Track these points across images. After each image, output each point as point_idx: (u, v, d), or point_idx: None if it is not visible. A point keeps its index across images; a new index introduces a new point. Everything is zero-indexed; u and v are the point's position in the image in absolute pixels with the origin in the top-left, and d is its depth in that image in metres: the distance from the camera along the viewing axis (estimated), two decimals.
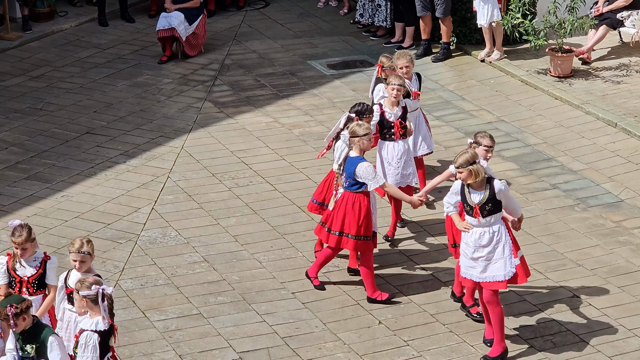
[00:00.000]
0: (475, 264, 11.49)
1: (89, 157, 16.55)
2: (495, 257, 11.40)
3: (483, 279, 11.47)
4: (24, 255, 10.91)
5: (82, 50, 20.69)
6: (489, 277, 11.43)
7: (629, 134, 16.95)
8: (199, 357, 12.03)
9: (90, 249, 10.69)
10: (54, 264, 11.07)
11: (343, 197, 12.70)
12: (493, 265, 11.42)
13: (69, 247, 10.76)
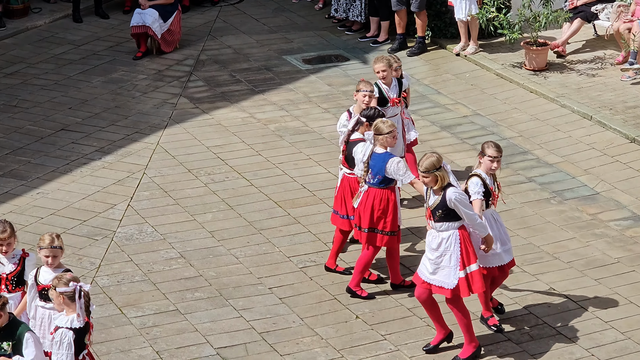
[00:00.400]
0: (427, 264, 11.52)
1: (64, 153, 16.51)
2: (443, 264, 11.38)
3: (431, 280, 11.46)
4: (8, 251, 10.88)
5: (57, 47, 20.63)
6: (436, 281, 11.43)
7: (604, 127, 16.99)
8: (176, 353, 12.02)
9: (60, 243, 10.68)
10: (32, 261, 11.06)
11: (369, 194, 12.51)
12: (441, 271, 11.40)
13: (39, 243, 10.69)
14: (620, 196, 15.18)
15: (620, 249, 13.93)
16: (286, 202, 15.10)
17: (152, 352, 12.05)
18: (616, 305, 12.74)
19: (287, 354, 12.01)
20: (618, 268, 13.52)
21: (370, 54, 20.05)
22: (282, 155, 16.42)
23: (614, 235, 14.25)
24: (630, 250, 13.88)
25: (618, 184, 15.47)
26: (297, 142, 16.88)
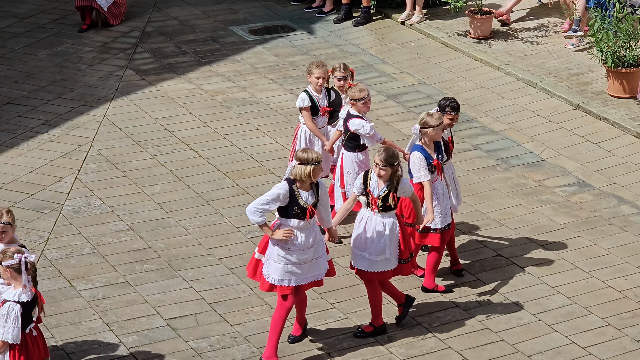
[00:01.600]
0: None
1: (11, 127, 16.41)
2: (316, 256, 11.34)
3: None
4: None
5: (1, 20, 20.48)
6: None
7: (548, 94, 17.09)
8: (126, 325, 12.00)
9: (10, 219, 10.57)
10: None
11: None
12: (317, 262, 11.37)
13: None
14: (565, 162, 15.29)
15: (566, 214, 14.04)
16: (234, 173, 15.10)
17: (102, 324, 12.03)
18: (562, 270, 12.84)
19: (237, 324, 12.03)
20: (564, 234, 13.63)
21: (316, 24, 20.05)
22: (230, 127, 16.41)
23: (559, 201, 14.36)
24: (576, 216, 13.99)
25: (563, 151, 15.57)
26: (244, 113, 16.86)
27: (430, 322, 11.98)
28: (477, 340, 11.74)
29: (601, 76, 17.24)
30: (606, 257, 13.16)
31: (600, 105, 16.55)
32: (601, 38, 16.45)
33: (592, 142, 15.78)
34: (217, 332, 11.93)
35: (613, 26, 16.43)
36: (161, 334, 11.88)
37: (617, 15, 16.57)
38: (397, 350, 11.53)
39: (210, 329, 11.96)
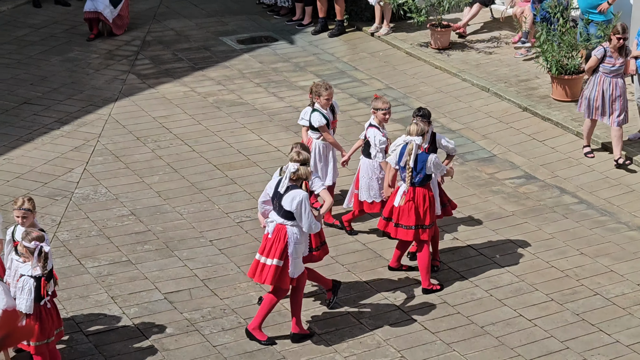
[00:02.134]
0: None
1: (27, 124, 16.37)
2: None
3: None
4: None
5: (19, 30, 20.42)
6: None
7: (500, 98, 17.13)
8: (128, 298, 12.00)
9: (30, 206, 10.58)
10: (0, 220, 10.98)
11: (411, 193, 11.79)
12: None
13: (13, 204, 10.67)
14: (514, 158, 15.34)
15: (514, 203, 14.09)
16: (224, 165, 15.10)
17: (107, 298, 12.02)
18: (511, 252, 12.88)
19: (226, 297, 12.03)
20: (512, 220, 13.68)
21: (296, 35, 20.05)
22: (220, 125, 16.40)
23: (508, 191, 14.40)
24: (523, 205, 14.05)
25: (512, 147, 15.62)
26: (232, 112, 16.85)
27: (395, 297, 12.01)
28: (437, 312, 11.76)
29: (546, 82, 17.30)
30: (550, 241, 13.21)
31: (545, 108, 16.60)
32: (546, 49, 16.50)
33: (538, 140, 15.83)
34: (209, 304, 11.92)
35: (557, 38, 16.48)
36: (159, 306, 11.88)
37: (560, 29, 16.62)
38: (367, 321, 11.54)
39: (202, 302, 11.96)
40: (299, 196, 10.55)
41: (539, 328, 11.50)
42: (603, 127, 15.64)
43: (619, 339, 11.33)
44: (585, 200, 14.19)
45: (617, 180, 14.65)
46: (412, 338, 11.36)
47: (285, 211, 10.66)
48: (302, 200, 10.53)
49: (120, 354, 11.12)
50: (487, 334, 11.43)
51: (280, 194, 10.68)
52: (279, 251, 10.67)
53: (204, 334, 11.42)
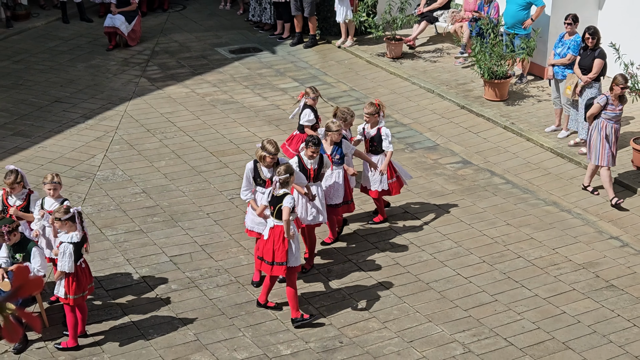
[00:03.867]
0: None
1: (57, 118, 16.30)
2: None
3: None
4: (14, 192, 10.82)
5: (51, 41, 20.29)
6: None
7: (442, 98, 17.16)
8: (140, 260, 11.99)
9: (59, 179, 10.73)
10: (35, 197, 11.00)
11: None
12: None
13: (44, 180, 10.76)
14: (453, 146, 15.37)
15: (454, 183, 14.13)
16: (218, 152, 15.07)
17: (123, 260, 12.01)
18: (451, 223, 12.93)
19: (220, 260, 12.04)
20: (452, 197, 13.72)
21: (277, 46, 20.01)
22: (215, 119, 16.36)
23: (449, 174, 14.44)
24: (461, 185, 14.09)
25: (452, 138, 15.66)
26: (225, 109, 16.82)
27: (357, 259, 12.04)
28: (389, 272, 11.81)
29: (479, 85, 17.34)
30: (482, 214, 13.27)
31: (479, 106, 16.64)
32: (480, 58, 16.53)
33: (473, 132, 15.87)
34: (206, 265, 11.93)
35: (489, 50, 16.51)
36: (166, 267, 11.88)
37: (491, 42, 16.65)
38: (335, 284, 11.57)
39: (201, 264, 11.96)
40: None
41: (473, 284, 11.56)
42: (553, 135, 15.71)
43: (537, 293, 11.41)
44: (510, 181, 14.24)
45: (536, 165, 14.71)
46: (370, 292, 11.39)
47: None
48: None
49: (133, 306, 11.12)
50: (431, 289, 11.48)
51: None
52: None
53: (202, 289, 11.43)
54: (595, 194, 13.73)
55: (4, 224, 9.90)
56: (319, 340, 10.53)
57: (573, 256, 12.19)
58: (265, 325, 10.78)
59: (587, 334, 10.65)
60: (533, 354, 10.30)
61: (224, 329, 10.70)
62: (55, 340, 10.41)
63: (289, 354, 10.28)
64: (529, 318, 10.91)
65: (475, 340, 10.54)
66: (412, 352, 10.33)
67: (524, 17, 16.91)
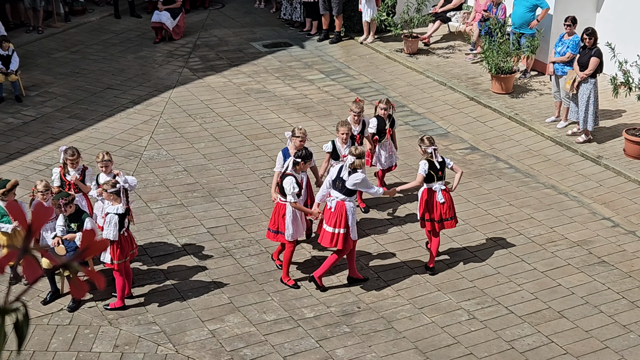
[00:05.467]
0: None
1: (109, 103, 16.35)
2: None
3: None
4: (74, 167, 10.89)
5: (104, 34, 20.34)
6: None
7: (454, 90, 17.07)
8: (182, 232, 12.04)
9: (109, 157, 10.81)
10: (90, 172, 11.08)
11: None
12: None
13: (96, 158, 10.86)
14: (463, 134, 15.31)
15: (462, 167, 14.03)
16: (252, 136, 15.08)
17: (166, 231, 12.06)
18: (459, 203, 12.79)
19: (252, 232, 12.07)
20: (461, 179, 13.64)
21: (305, 42, 19.95)
22: (249, 106, 16.36)
23: (458, 158, 14.37)
24: (469, 168, 14.03)
25: (462, 127, 15.59)
26: (258, 97, 16.81)
27: (374, 234, 12.01)
28: (403, 245, 11.78)
29: (487, 79, 17.23)
30: (487, 195, 13.22)
31: (487, 98, 16.54)
32: (488, 55, 16.42)
33: (480, 121, 15.79)
34: (239, 237, 11.96)
35: (496, 47, 16.40)
36: (203, 237, 11.92)
37: (499, 40, 16.54)
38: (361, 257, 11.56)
39: (235, 235, 12.00)
40: (359, 177, 10.39)
41: (477, 258, 11.53)
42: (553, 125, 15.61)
43: (536, 267, 11.37)
44: (514, 166, 14.17)
45: (537, 152, 14.62)
46: (385, 264, 11.38)
47: (347, 190, 10.41)
48: (363, 179, 10.38)
49: (174, 271, 11.17)
50: (440, 261, 11.46)
51: (342, 178, 10.47)
52: (343, 222, 10.45)
53: (236, 258, 11.46)
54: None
55: (61, 197, 9.95)
56: (339, 305, 10.54)
57: (569, 234, 12.13)
58: (291, 291, 10.80)
59: (580, 304, 10.61)
60: (531, 321, 10.28)
61: (255, 293, 10.73)
62: (104, 300, 10.49)
63: (312, 317, 10.31)
64: (528, 289, 10.88)
65: (479, 308, 10.52)
66: (422, 317, 10.33)
67: (531, 18, 16.79)
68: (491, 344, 9.89)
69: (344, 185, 10.39)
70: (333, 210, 10.42)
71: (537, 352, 9.76)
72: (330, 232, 10.41)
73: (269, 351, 9.68)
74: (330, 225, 10.42)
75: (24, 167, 13.76)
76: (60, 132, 15.05)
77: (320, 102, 16.54)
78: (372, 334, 10.01)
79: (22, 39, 19.51)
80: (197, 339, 9.88)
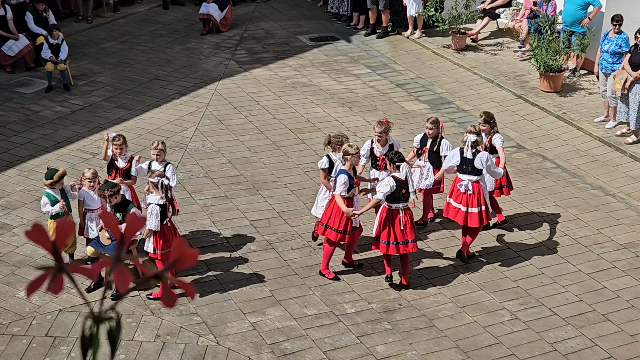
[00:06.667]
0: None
1: (156, 94, 16.46)
2: None
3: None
4: (121, 154, 11.00)
5: (152, 25, 20.48)
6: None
7: (501, 88, 16.93)
8: (225, 223, 12.09)
9: (163, 147, 10.95)
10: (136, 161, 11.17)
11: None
12: None
13: (150, 146, 10.94)
14: (509, 132, 15.17)
15: (508, 166, 13.80)
16: (296, 130, 15.09)
17: (209, 222, 12.12)
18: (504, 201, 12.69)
19: (295, 225, 12.08)
20: None
21: (352, 36, 19.92)
22: (295, 100, 16.37)
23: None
24: (515, 167, 13.89)
25: (508, 125, 15.45)
26: (304, 91, 16.82)
27: (418, 231, 11.95)
28: (446, 243, 11.70)
29: (535, 77, 17.06)
30: (533, 195, 13.09)
31: (534, 96, 16.39)
32: (537, 52, 16.26)
33: (528, 120, 15.65)
34: (282, 230, 11.98)
35: (545, 45, 16.23)
36: (247, 230, 11.96)
37: (548, 38, 16.37)
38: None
39: (278, 228, 12.02)
40: (484, 156, 10.68)
41: (522, 257, 11.43)
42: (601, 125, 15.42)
43: (581, 269, 11.24)
44: (560, 166, 14.02)
45: (585, 152, 14.45)
46: (428, 261, 11.33)
47: (476, 170, 10.70)
48: (487, 157, 10.68)
49: (217, 263, 11.23)
50: (484, 260, 11.38)
51: (468, 159, 10.69)
52: (482, 200, 10.76)
53: (278, 251, 11.49)
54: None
55: (107, 188, 10.04)
56: (381, 301, 10.52)
57: (615, 236, 11.97)
58: (333, 286, 10.80)
59: (625, 307, 10.47)
60: (575, 323, 10.17)
61: (296, 287, 10.75)
62: (147, 290, 10.57)
63: (353, 312, 10.30)
64: (573, 291, 10.76)
65: (522, 308, 10.43)
66: (464, 316, 10.27)
67: (582, 16, 16.59)
68: (534, 345, 9.80)
69: (473, 166, 10.71)
70: (471, 192, 10.75)
71: (581, 355, 9.65)
72: (477, 212, 10.77)
73: (309, 345, 9.69)
74: (475, 206, 10.77)
75: (71, 155, 13.92)
76: (107, 121, 15.19)
77: (365, 97, 16.50)
78: (413, 332, 9.98)
79: (72, 28, 19.72)
80: (238, 331, 9.92)
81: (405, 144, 13.35)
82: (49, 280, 2.12)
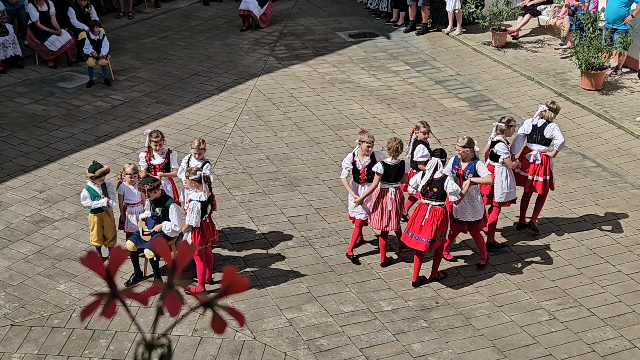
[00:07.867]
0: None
1: (195, 90, 16.56)
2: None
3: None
4: (158, 150, 11.04)
5: (192, 21, 20.61)
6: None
7: (541, 85, 16.80)
8: (262, 219, 12.14)
9: (204, 145, 10.92)
10: (175, 155, 11.26)
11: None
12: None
13: (191, 144, 10.96)
14: None
15: None
16: (335, 126, 15.10)
17: (247, 218, 12.18)
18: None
19: (332, 222, 12.10)
20: None
21: (392, 32, 19.87)
22: (333, 96, 16.38)
23: None
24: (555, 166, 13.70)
25: None
26: (343, 87, 16.82)
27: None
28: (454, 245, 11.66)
29: (577, 75, 16.90)
30: (572, 194, 12.99)
31: (575, 94, 16.24)
32: (579, 50, 16.11)
33: (568, 118, 15.50)
34: (319, 227, 12.01)
35: (587, 43, 16.07)
36: (284, 226, 12.00)
37: (590, 36, 16.21)
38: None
39: (315, 225, 12.05)
40: (555, 126, 11.36)
41: (561, 257, 11.35)
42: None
43: (621, 269, 11.13)
44: (601, 165, 13.89)
45: (626, 151, 14.30)
46: (465, 260, 11.29)
47: (546, 140, 11.32)
48: (556, 126, 11.38)
49: (254, 258, 11.28)
50: (522, 260, 11.31)
51: (538, 126, 11.31)
52: (548, 170, 11.45)
53: (315, 247, 11.52)
54: None
55: (147, 182, 10.12)
56: (417, 299, 10.51)
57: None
58: (370, 283, 10.81)
59: None
60: (614, 324, 10.08)
61: (333, 284, 10.77)
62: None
63: (390, 310, 10.30)
64: (612, 291, 10.66)
65: (560, 308, 10.36)
66: (501, 315, 10.23)
67: (625, 13, 16.41)
68: (571, 345, 9.74)
69: (543, 136, 11.28)
70: (539, 162, 11.32)
71: (619, 357, 9.57)
72: (542, 180, 11.34)
73: (346, 342, 9.72)
74: (540, 175, 11.34)
75: (111, 150, 14.06)
76: (147, 116, 15.32)
77: (404, 94, 16.47)
78: (449, 330, 9.96)
79: (113, 24, 19.91)
80: (274, 327, 9.97)
81: (445, 141, 13.29)
82: (103, 306, 2.17)
